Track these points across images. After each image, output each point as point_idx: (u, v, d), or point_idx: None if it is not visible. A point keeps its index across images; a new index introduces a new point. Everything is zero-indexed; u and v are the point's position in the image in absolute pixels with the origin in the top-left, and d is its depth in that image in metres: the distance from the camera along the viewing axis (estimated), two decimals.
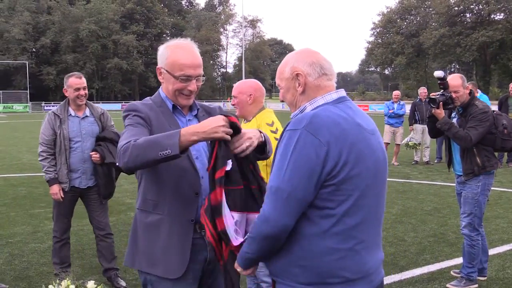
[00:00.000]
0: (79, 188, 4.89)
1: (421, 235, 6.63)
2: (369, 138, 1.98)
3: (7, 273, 5.30)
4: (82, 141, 4.84)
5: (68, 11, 72.68)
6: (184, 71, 2.44)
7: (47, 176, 4.78)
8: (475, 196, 4.77)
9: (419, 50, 71.10)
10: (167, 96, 2.56)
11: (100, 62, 73.77)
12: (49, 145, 4.78)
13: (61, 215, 4.96)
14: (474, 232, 4.82)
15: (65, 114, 4.86)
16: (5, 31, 68.74)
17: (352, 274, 1.92)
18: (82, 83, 4.90)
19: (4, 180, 11.19)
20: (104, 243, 5.07)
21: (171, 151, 2.12)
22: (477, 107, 4.72)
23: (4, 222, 7.43)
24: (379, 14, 78.40)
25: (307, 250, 1.92)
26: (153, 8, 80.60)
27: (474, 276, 4.86)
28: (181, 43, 2.53)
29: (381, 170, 2.03)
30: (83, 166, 4.85)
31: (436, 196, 9.18)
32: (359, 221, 1.92)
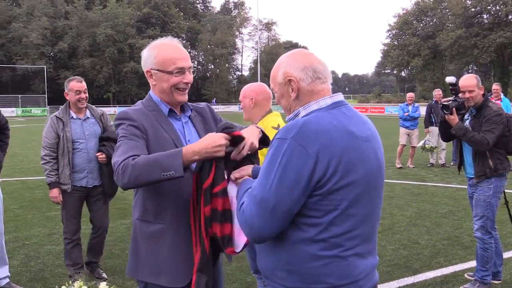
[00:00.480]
0: (86, 188, 5.03)
1: (435, 238, 6.59)
2: (361, 146, 1.90)
3: (23, 275, 5.38)
4: (86, 141, 4.99)
5: (85, 16, 73.50)
6: (177, 64, 2.41)
7: (48, 180, 4.92)
8: (487, 199, 4.73)
9: (435, 51, 70.58)
10: (161, 100, 2.51)
11: (116, 66, 74.44)
12: (52, 148, 4.93)
13: (70, 216, 5.06)
14: (487, 235, 4.78)
15: (67, 117, 5.02)
16: (24, 36, 69.73)
17: (337, 280, 1.88)
18: (83, 86, 5.07)
19: (21, 183, 11.34)
20: (98, 239, 5.26)
21: (175, 172, 2.12)
22: (491, 109, 4.69)
23: (21, 224, 7.54)
24: (395, 15, 78.17)
25: (293, 255, 1.89)
26: (169, 12, 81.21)
27: (488, 279, 4.83)
28: (164, 41, 2.51)
29: (375, 179, 1.96)
30: (89, 165, 5.00)
31: (452, 199, 9.11)
32: (347, 229, 1.88)
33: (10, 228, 7.26)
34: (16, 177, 12.26)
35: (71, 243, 5.09)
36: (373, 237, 2.05)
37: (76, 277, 4.80)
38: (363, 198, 1.91)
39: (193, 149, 2.17)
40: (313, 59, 2.03)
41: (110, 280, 5.09)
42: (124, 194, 9.78)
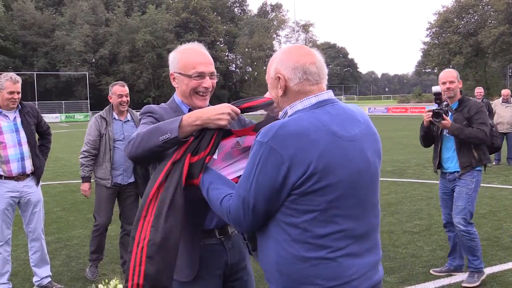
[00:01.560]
0: (120, 184, 5.42)
1: None
2: (345, 146, 1.87)
3: (64, 274, 5.56)
4: (124, 142, 5.29)
5: (125, 23, 75.00)
6: (196, 68, 2.46)
7: (82, 173, 5.36)
8: (469, 192, 4.90)
9: (477, 49, 68.94)
10: (182, 101, 2.57)
11: (156, 71, 75.62)
12: (93, 145, 5.31)
13: (103, 209, 5.43)
14: (470, 226, 4.92)
15: (110, 117, 5.39)
16: (67, 43, 71.71)
17: (326, 282, 1.86)
18: (125, 91, 5.41)
19: (64, 186, 11.68)
20: (128, 236, 5.44)
21: (170, 134, 2.10)
22: (475, 101, 4.94)
23: (63, 226, 7.79)
24: (435, 13, 76.45)
25: (281, 256, 1.90)
26: (207, 16, 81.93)
27: (482, 266, 5.00)
28: (189, 46, 2.56)
29: (362, 178, 1.92)
30: (124, 164, 5.35)
31: (492, 199, 8.91)
32: (332, 230, 1.86)
33: (53, 229, 7.52)
34: (59, 180, 12.64)
35: (97, 231, 5.49)
36: (372, 235, 2.01)
37: (95, 264, 5.46)
38: (348, 199, 1.87)
39: (195, 114, 2.16)
40: (306, 58, 1.99)
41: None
42: None
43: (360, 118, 2.01)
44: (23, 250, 6.26)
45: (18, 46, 73.30)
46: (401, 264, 5.54)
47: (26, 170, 4.95)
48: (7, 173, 4.86)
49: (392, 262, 5.62)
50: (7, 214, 4.90)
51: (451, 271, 5.24)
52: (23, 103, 5.03)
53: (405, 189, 10.14)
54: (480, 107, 4.85)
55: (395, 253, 5.91)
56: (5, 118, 4.86)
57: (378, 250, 2.06)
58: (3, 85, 4.77)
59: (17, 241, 6.63)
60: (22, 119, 4.95)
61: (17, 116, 4.94)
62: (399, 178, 11.58)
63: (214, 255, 2.48)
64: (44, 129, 5.31)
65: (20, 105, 4.97)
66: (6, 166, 4.84)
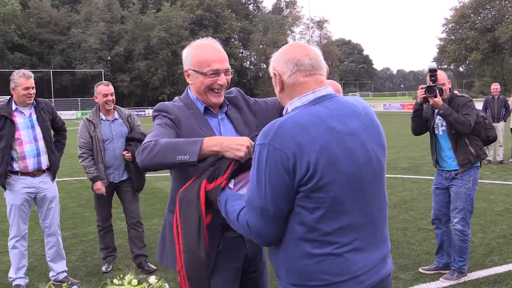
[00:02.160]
0: (113, 183, 5.53)
1: (490, 236, 6.41)
2: (344, 141, 1.85)
3: (80, 269, 5.62)
4: (113, 141, 5.42)
5: (140, 20, 75.38)
6: (211, 66, 2.43)
7: (90, 175, 5.41)
8: (467, 191, 4.88)
9: (494, 45, 68.25)
10: (197, 98, 2.54)
11: (170, 68, 75.89)
12: (87, 147, 5.41)
13: (102, 206, 5.63)
14: (466, 227, 4.91)
15: (97, 119, 5.47)
16: (82, 41, 72.29)
17: (333, 277, 1.86)
18: (110, 89, 5.51)
19: (79, 183, 11.79)
20: (135, 231, 5.63)
21: (189, 157, 2.09)
22: (463, 97, 4.93)
23: (79, 222, 7.87)
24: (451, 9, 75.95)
25: (288, 253, 1.90)
26: (222, 13, 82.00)
27: (465, 268, 4.98)
28: (203, 42, 2.53)
29: (365, 172, 1.90)
30: (115, 163, 5.48)
31: (509, 197, 8.82)
32: (338, 226, 1.85)
33: (69, 225, 7.59)
34: (75, 176, 12.76)
35: (103, 229, 5.64)
36: (378, 229, 1.99)
37: (109, 260, 5.60)
38: (352, 193, 1.86)
39: (217, 139, 2.16)
40: (299, 51, 1.99)
41: (162, 275, 5.23)
42: None
43: (361, 111, 1.98)
44: (40, 245, 6.33)
45: (34, 44, 74.08)
46: (416, 261, 5.50)
47: (42, 166, 5.00)
48: (23, 169, 4.91)
49: (407, 259, 5.59)
50: (23, 210, 4.96)
51: (440, 269, 5.18)
52: (38, 99, 5.08)
53: (420, 186, 10.07)
54: (467, 101, 4.84)
55: (409, 250, 5.88)
56: (20, 115, 4.92)
57: (385, 243, 2.05)
58: (17, 82, 4.82)
59: (33, 236, 6.70)
60: (38, 115, 5.01)
61: (32, 112, 4.99)
62: (414, 175, 11.50)
63: (234, 248, 2.49)
64: (59, 125, 5.36)
65: (35, 102, 5.02)
66: (22, 162, 4.90)
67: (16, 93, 4.86)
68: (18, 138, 4.86)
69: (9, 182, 4.90)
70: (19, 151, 4.87)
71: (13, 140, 4.84)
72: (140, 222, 5.67)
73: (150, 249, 6.06)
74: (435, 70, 4.74)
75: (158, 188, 10.71)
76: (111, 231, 5.69)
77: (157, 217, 7.92)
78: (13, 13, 69.37)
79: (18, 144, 4.86)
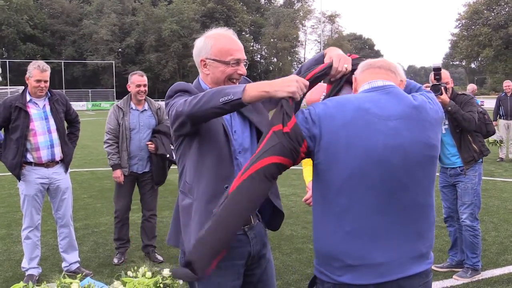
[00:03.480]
0: (136, 173, 5.56)
1: (503, 235, 6.36)
2: (374, 122, 1.91)
3: (92, 260, 5.64)
4: (139, 131, 5.43)
5: (151, 12, 75.39)
6: (234, 55, 2.43)
7: (111, 162, 5.43)
8: (474, 186, 4.91)
9: (508, 42, 67.60)
10: (211, 88, 2.40)
11: (181, 61, 75.88)
12: (114, 133, 5.43)
13: (122, 196, 5.58)
14: (475, 222, 4.95)
15: (127, 108, 5.48)
16: (94, 32, 72.45)
17: (351, 259, 1.89)
18: (144, 80, 5.51)
19: (91, 174, 11.85)
20: (148, 222, 5.70)
21: (233, 96, 2.05)
22: (464, 95, 4.98)
23: (91, 213, 7.90)
24: (464, 5, 75.19)
25: (317, 231, 2.01)
26: (233, 6, 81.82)
27: (479, 265, 4.98)
28: (220, 32, 2.51)
29: (395, 157, 1.90)
30: (140, 153, 5.49)
31: None
32: (356, 204, 1.88)
33: (81, 216, 7.63)
34: (86, 167, 12.82)
35: (120, 222, 5.63)
36: (413, 222, 1.96)
37: (122, 251, 5.63)
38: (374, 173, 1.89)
39: (263, 83, 2.08)
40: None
41: (171, 268, 5.24)
42: None
43: (410, 103, 2.01)
44: (52, 235, 6.36)
45: (46, 35, 74.36)
46: None
47: (55, 157, 5.01)
48: (37, 160, 4.93)
49: None
50: (37, 200, 4.98)
51: (453, 266, 5.16)
52: (52, 91, 5.09)
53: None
54: (470, 99, 4.92)
55: None
56: (35, 106, 4.93)
57: (422, 241, 2.00)
58: (31, 73, 4.83)
59: (46, 226, 6.73)
60: (51, 107, 5.01)
61: (46, 104, 5.00)
62: None
63: (238, 245, 2.46)
64: (73, 117, 5.36)
65: (50, 93, 5.02)
66: (36, 153, 4.91)
67: (29, 83, 4.88)
68: (32, 129, 4.87)
69: (23, 172, 4.92)
70: (33, 142, 4.88)
71: (28, 131, 4.85)
72: (155, 214, 5.74)
73: (160, 242, 6.08)
74: (439, 69, 4.76)
75: (169, 180, 10.63)
76: (127, 224, 5.70)
77: (168, 209, 7.93)
78: (26, 3, 69.67)
79: (32, 135, 4.87)
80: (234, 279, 2.48)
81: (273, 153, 1.91)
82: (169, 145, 5.41)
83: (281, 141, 1.91)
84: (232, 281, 2.48)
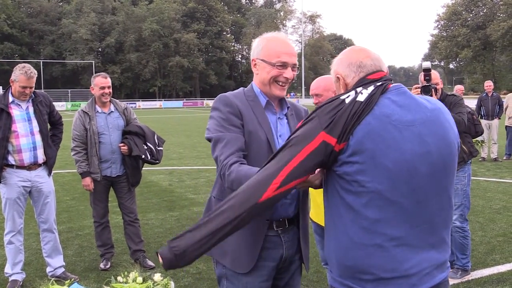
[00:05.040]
0: (110, 177, 5.38)
1: (490, 234, 6.39)
2: (398, 129, 1.82)
3: (78, 264, 5.52)
4: (109, 134, 5.29)
5: (132, 11, 74.93)
6: (281, 58, 2.44)
7: (80, 170, 5.28)
8: (463, 187, 4.93)
9: (485, 42, 68.60)
10: (261, 91, 2.54)
11: (162, 61, 75.56)
12: (81, 140, 5.27)
13: (98, 201, 5.46)
14: (465, 223, 4.98)
15: (93, 111, 5.33)
16: (73, 32, 71.77)
17: (382, 272, 1.82)
18: (107, 82, 5.36)
19: (73, 175, 11.64)
20: (131, 227, 5.54)
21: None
22: (453, 95, 4.98)
23: (74, 216, 7.75)
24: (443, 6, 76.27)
25: (338, 242, 1.91)
26: (214, 6, 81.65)
27: (469, 265, 5.02)
28: (275, 34, 2.54)
29: (421, 164, 1.84)
30: (112, 156, 5.33)
31: (506, 194, 8.81)
32: (384, 215, 1.81)
33: (64, 218, 7.48)
34: (68, 169, 12.61)
35: (100, 225, 5.48)
36: (438, 229, 1.92)
37: (107, 257, 5.44)
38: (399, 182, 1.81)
39: None
40: (361, 54, 2.03)
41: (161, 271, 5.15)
42: (172, 187, 9.92)
43: (427, 105, 1.93)
44: (35, 239, 6.22)
45: (24, 34, 73.37)
46: None
47: (38, 159, 4.89)
48: (19, 162, 4.79)
49: None
50: (19, 204, 4.85)
51: None
52: (36, 92, 4.95)
53: None
54: (459, 100, 4.93)
55: None
56: (17, 107, 4.79)
57: (444, 248, 1.96)
58: (18, 77, 4.70)
59: (28, 229, 6.57)
60: (35, 109, 4.88)
61: (29, 105, 4.87)
62: None
63: (272, 247, 2.48)
64: (56, 119, 5.24)
65: (33, 94, 4.89)
66: (18, 156, 4.78)
67: (14, 86, 4.75)
68: (15, 131, 4.73)
69: (4, 175, 4.78)
70: (15, 144, 4.75)
71: (9, 133, 4.71)
72: (137, 219, 5.57)
73: (147, 244, 5.98)
74: (429, 70, 4.69)
75: (153, 181, 10.61)
76: (108, 227, 5.55)
77: (153, 211, 7.82)
78: (3, 2, 68.70)
79: (14, 137, 4.74)
80: (263, 280, 2.50)
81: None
82: (142, 145, 5.29)
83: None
84: (261, 282, 2.49)
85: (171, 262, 1.89)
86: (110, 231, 5.57)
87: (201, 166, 12.88)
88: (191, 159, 14.34)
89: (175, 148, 16.85)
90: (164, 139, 5.81)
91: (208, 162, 13.63)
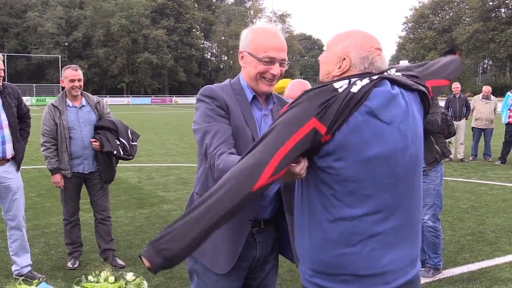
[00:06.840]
0: (82, 174, 5.20)
1: (459, 234, 6.48)
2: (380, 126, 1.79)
3: (44, 263, 5.35)
4: (80, 129, 5.10)
5: (100, 6, 73.71)
6: (268, 53, 2.29)
7: (50, 166, 5.08)
8: (436, 187, 4.95)
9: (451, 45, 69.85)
10: (247, 85, 2.40)
11: (130, 57, 74.61)
12: (51, 135, 5.07)
13: (69, 199, 5.27)
14: (437, 222, 5.02)
15: (63, 105, 5.13)
16: (39, 25, 70.12)
17: (358, 270, 1.79)
18: (78, 75, 5.14)
19: (38, 171, 11.37)
20: (103, 225, 5.38)
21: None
22: None
23: (40, 213, 7.54)
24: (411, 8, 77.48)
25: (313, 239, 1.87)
26: (184, 3, 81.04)
27: (440, 264, 5.06)
28: (265, 26, 2.40)
29: (402, 158, 1.82)
30: (84, 152, 5.13)
31: (473, 194, 8.97)
32: (363, 212, 1.77)
33: (29, 216, 7.26)
34: (33, 165, 12.31)
35: (70, 223, 5.31)
36: (412, 225, 1.90)
37: (76, 255, 5.28)
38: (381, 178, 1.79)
39: None
40: (376, 51, 1.93)
41: (131, 269, 5.04)
42: (142, 184, 9.77)
43: (401, 97, 1.88)
44: (1, 236, 6.02)
45: None
46: None
47: (6, 154, 4.71)
48: None
49: None
50: None
51: None
52: (4, 83, 4.76)
53: None
54: (434, 99, 4.92)
55: None
56: None
57: (417, 243, 1.95)
58: None
59: None
60: (3, 101, 4.70)
61: None
62: None
63: (245, 247, 2.39)
64: (24, 112, 5.05)
65: (1, 86, 4.71)
66: None
67: None
68: None
69: None
70: None
71: None
72: (109, 217, 5.41)
73: (117, 243, 5.86)
74: None
75: (122, 178, 10.42)
76: (78, 225, 5.37)
77: (122, 208, 7.68)
78: None
79: None
80: (233, 280, 2.43)
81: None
82: (114, 140, 5.10)
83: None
84: (231, 281, 2.43)
85: (161, 265, 1.75)
86: (79, 229, 5.41)
87: (170, 164, 12.73)
88: (160, 156, 14.17)
89: (143, 145, 16.62)
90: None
91: (178, 159, 13.49)
